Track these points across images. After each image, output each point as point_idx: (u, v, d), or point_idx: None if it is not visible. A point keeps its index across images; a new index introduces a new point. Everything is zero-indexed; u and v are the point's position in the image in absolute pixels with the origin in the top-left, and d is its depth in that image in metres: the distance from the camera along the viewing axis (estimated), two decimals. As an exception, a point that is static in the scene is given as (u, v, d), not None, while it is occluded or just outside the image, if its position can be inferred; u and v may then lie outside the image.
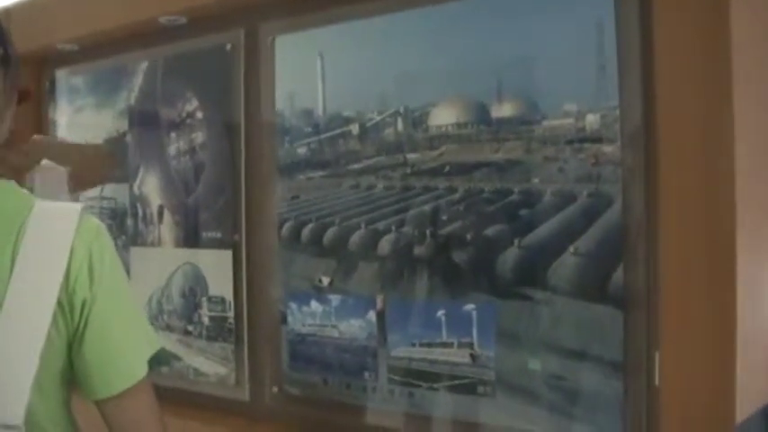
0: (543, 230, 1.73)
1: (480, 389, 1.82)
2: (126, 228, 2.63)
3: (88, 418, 1.36)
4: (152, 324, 2.44)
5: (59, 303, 1.22)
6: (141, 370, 1.30)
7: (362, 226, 2.02)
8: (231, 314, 2.33)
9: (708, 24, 1.46)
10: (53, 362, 1.23)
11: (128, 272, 2.59)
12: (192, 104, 2.44)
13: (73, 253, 1.23)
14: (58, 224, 1.24)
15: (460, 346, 1.84)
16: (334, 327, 2.08)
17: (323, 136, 2.10)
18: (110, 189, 2.72)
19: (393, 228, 1.96)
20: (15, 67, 1.30)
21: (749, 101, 1.46)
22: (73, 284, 1.22)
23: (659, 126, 1.54)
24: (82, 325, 1.24)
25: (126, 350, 1.29)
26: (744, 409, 1.43)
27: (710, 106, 1.46)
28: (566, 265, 1.68)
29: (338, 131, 2.07)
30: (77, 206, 1.30)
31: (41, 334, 1.19)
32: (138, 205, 2.62)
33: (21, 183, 1.35)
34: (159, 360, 1.35)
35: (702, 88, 1.48)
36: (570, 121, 1.68)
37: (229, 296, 2.34)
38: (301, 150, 2.15)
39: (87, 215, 1.29)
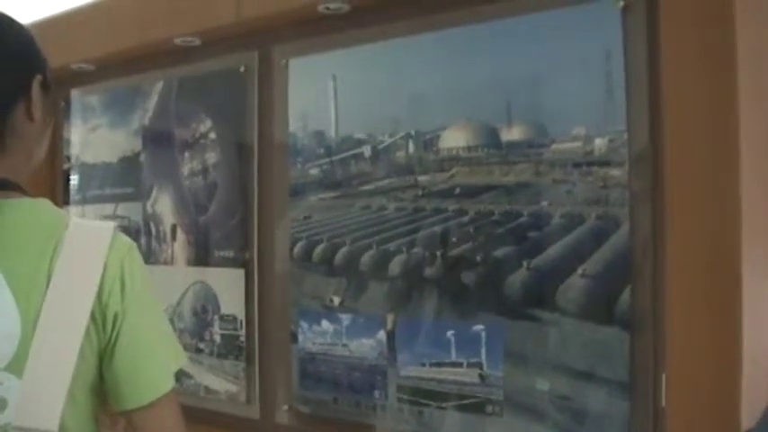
0: (552, 252, 1.75)
1: (489, 408, 1.83)
2: (139, 246, 2.64)
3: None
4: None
5: (92, 316, 1.25)
6: (168, 382, 1.33)
7: (373, 246, 2.04)
8: (242, 332, 2.35)
9: (714, 48, 1.48)
10: (85, 373, 1.26)
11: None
12: (206, 125, 2.47)
13: (106, 268, 1.27)
14: (92, 240, 1.29)
15: (469, 365, 1.86)
16: (344, 346, 2.09)
17: (335, 157, 2.13)
18: (123, 208, 2.74)
19: (404, 249, 1.98)
20: (52, 91, 1.36)
21: (755, 124, 1.48)
22: (106, 299, 1.26)
23: (666, 149, 1.56)
24: (113, 338, 1.28)
25: (154, 363, 1.33)
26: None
27: (717, 129, 1.48)
28: (574, 287, 1.70)
29: (350, 153, 2.09)
30: (111, 224, 1.35)
31: (75, 345, 1.23)
32: (152, 224, 2.65)
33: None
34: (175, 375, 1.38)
35: (709, 112, 1.49)
36: (578, 144, 1.70)
37: (241, 314, 2.36)
38: (313, 171, 2.17)
39: (119, 233, 1.33)
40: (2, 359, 1.20)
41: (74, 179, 2.97)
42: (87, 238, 1.29)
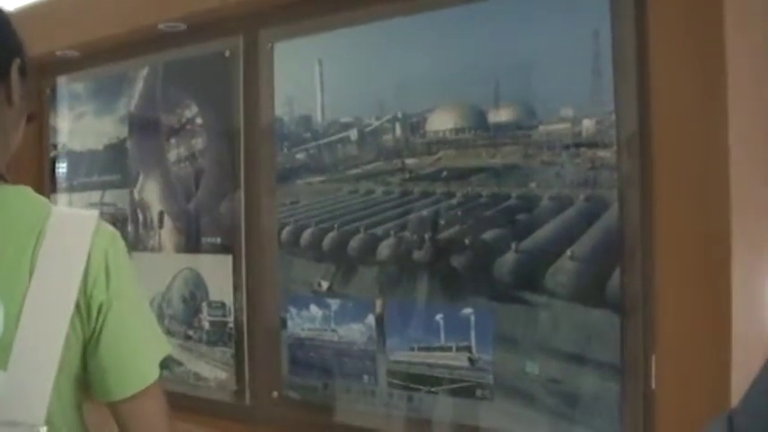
0: (540, 235, 1.74)
1: (479, 392, 1.82)
2: (126, 233, 2.64)
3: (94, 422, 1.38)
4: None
5: (77, 306, 1.24)
6: (154, 372, 1.32)
7: (361, 231, 2.03)
8: (231, 319, 2.34)
9: (702, 30, 1.47)
10: (70, 364, 1.25)
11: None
12: (192, 110, 2.45)
13: (90, 257, 1.25)
14: (75, 229, 1.27)
15: (459, 349, 1.85)
16: (333, 331, 2.09)
17: (321, 141, 2.11)
18: (110, 195, 2.73)
19: (392, 232, 1.97)
20: (29, 76, 1.34)
21: (744, 105, 1.47)
22: (91, 288, 1.25)
23: (655, 131, 1.55)
24: (98, 328, 1.26)
25: (140, 353, 1.32)
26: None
27: (705, 111, 1.47)
28: (563, 270, 1.69)
29: (337, 137, 2.08)
30: (94, 213, 1.33)
31: (61, 336, 1.21)
32: (139, 211, 2.63)
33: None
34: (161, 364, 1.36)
35: (697, 93, 1.49)
36: (567, 126, 1.69)
37: (229, 301, 2.35)
38: (300, 156, 2.16)
39: (103, 222, 1.31)
40: None
41: (61, 167, 2.96)
42: (71, 227, 1.28)
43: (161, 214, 2.56)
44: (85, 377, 1.30)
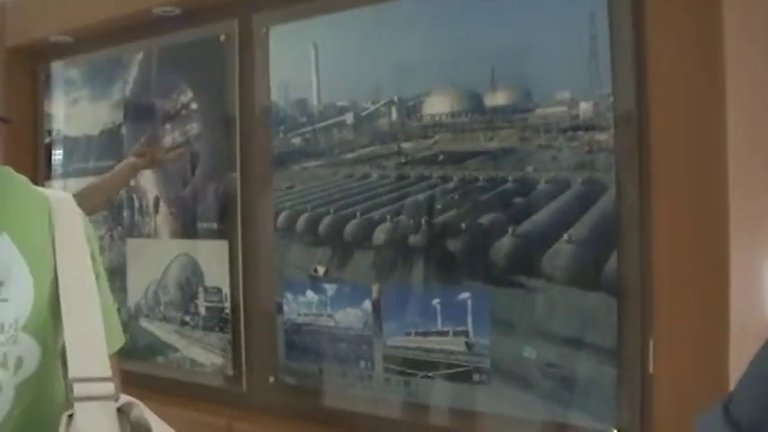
0: (537, 218, 1.73)
1: (476, 376, 1.82)
2: (122, 219, 2.64)
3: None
4: (149, 315, 2.48)
5: None
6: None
7: (357, 215, 2.02)
8: (227, 304, 2.34)
9: (699, 11, 1.46)
10: None
11: (124, 263, 2.61)
12: (187, 95, 2.44)
13: (86, 233, 1.33)
14: (68, 207, 1.34)
15: (456, 334, 1.85)
16: (329, 316, 2.08)
17: (317, 126, 2.10)
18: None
19: (388, 217, 1.96)
20: None
21: (741, 86, 1.46)
22: (92, 256, 1.32)
23: (652, 113, 1.54)
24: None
25: (116, 315, 1.41)
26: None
27: (703, 93, 1.46)
28: (560, 253, 1.69)
29: (333, 121, 2.07)
30: (67, 193, 1.41)
31: (96, 294, 1.28)
32: (134, 197, 2.62)
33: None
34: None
35: (695, 75, 1.48)
36: (563, 108, 1.69)
37: (225, 286, 2.34)
38: (296, 140, 2.15)
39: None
40: (19, 319, 1.21)
41: (56, 153, 2.94)
42: (66, 206, 1.33)
43: (156, 200, 2.55)
44: None
